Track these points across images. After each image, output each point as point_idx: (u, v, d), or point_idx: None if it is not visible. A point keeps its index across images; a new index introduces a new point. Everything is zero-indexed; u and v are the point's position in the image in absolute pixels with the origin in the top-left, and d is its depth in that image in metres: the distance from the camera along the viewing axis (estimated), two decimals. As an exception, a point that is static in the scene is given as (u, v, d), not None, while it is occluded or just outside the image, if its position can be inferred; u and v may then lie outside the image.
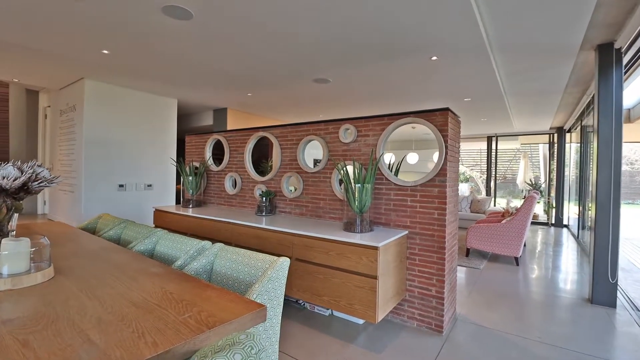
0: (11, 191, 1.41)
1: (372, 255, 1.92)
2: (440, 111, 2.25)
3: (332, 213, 2.75)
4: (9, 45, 3.21)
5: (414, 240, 2.34)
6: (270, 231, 2.46)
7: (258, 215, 3.04)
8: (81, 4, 2.26)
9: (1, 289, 1.19)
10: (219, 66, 3.62)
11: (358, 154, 2.58)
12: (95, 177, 4.62)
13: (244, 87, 4.48)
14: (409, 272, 2.36)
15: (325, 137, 2.80)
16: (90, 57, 3.46)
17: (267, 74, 3.86)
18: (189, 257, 1.68)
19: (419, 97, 4.80)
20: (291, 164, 3.05)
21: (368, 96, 4.71)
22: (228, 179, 3.64)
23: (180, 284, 1.29)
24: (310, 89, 4.38)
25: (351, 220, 2.29)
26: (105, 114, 4.70)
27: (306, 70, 3.63)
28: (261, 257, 1.49)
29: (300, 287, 2.25)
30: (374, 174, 2.28)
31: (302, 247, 2.25)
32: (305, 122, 2.93)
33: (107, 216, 2.76)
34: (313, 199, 2.87)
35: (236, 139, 3.59)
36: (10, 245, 1.26)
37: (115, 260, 1.61)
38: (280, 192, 3.11)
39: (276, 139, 3.16)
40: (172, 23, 2.53)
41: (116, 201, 4.83)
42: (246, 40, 2.87)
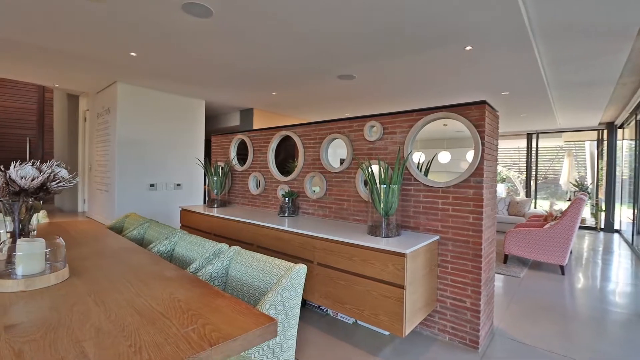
0: (30, 191, 1.41)
1: (399, 262, 1.76)
2: (476, 104, 2.04)
3: (356, 215, 2.60)
4: (48, 51, 3.37)
5: (446, 246, 2.14)
6: (291, 233, 2.37)
7: (280, 216, 2.96)
8: (103, 5, 2.29)
9: (15, 290, 1.17)
10: (241, 66, 3.60)
11: (384, 152, 2.42)
12: (128, 177, 4.78)
13: (268, 86, 4.44)
14: (440, 281, 2.17)
15: (349, 135, 2.66)
16: (119, 60, 3.55)
17: (290, 72, 3.78)
18: (204, 261, 1.61)
19: (451, 92, 4.52)
20: (314, 163, 2.94)
21: (395, 92, 4.50)
22: (252, 179, 3.60)
23: (190, 290, 1.22)
24: (335, 86, 4.26)
25: (376, 224, 2.14)
26: (137, 116, 4.85)
27: (330, 67, 3.51)
28: (277, 263, 1.39)
29: (322, 293, 2.14)
30: (401, 174, 2.11)
31: (323, 251, 2.13)
32: (329, 120, 2.81)
33: (133, 215, 2.80)
34: (337, 200, 2.74)
35: (259, 139, 3.54)
36: (25, 245, 1.25)
37: (132, 262, 1.58)
38: (303, 192, 3.02)
39: (299, 138, 3.07)
40: (192, 21, 2.51)
41: (147, 200, 4.98)
42: (267, 37, 2.80)
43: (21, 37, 2.96)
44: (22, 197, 1.42)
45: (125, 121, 4.74)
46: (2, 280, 1.17)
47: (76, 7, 2.36)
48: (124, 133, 4.73)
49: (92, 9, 2.38)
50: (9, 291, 1.17)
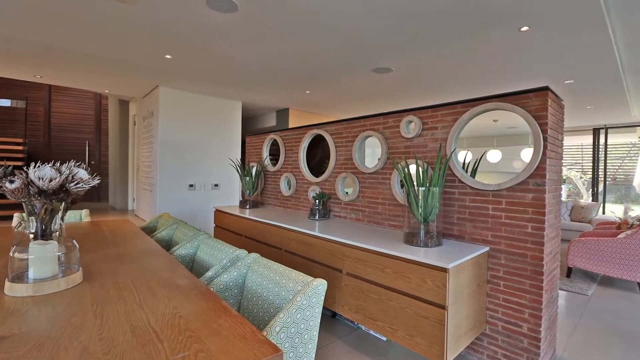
0: (50, 192, 1.39)
1: (440, 278, 1.51)
2: (536, 92, 1.71)
3: (392, 220, 2.36)
4: (95, 58, 3.54)
5: (498, 259, 1.83)
6: (319, 239, 2.20)
7: (311, 219, 2.81)
8: (133, 7, 2.29)
9: (23, 295, 1.13)
10: (271, 63, 3.50)
11: (423, 150, 2.16)
12: (169, 177, 4.94)
13: (301, 84, 4.32)
14: (489, 299, 1.86)
15: (384, 132, 2.43)
16: (157, 63, 3.64)
17: (322, 68, 3.62)
18: (221, 268, 1.50)
19: (502, 83, 4.06)
20: (346, 163, 2.75)
21: (436, 86, 4.14)
22: (283, 179, 3.50)
23: (196, 303, 1.09)
24: (370, 81, 4.02)
25: (413, 231, 1.89)
26: (177, 118, 5.00)
27: (365, 60, 3.29)
28: (294, 276, 1.22)
29: (352, 306, 1.94)
30: (443, 175, 1.84)
31: (354, 260, 1.93)
32: (361, 117, 2.60)
33: (166, 216, 2.82)
34: (370, 203, 2.52)
35: (291, 138, 3.42)
36: (37, 248, 1.21)
37: (148, 266, 1.51)
38: (335, 194, 2.83)
39: (330, 137, 2.89)
40: (218, 18, 2.44)
41: (186, 200, 5.12)
42: (295, 30, 2.66)
43: (74, 46, 3.13)
44: (42, 198, 1.40)
45: (166, 124, 4.90)
46: (13, 284, 1.14)
47: (110, 13, 2.41)
48: (165, 135, 4.90)
49: (124, 14, 2.41)
50: (17, 295, 1.13)
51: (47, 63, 3.78)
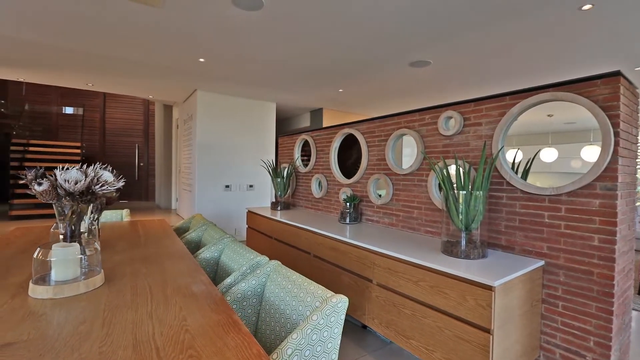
0: (76, 194, 1.41)
1: (484, 297, 1.31)
2: (605, 78, 1.43)
3: (428, 226, 2.16)
4: (137, 64, 3.71)
5: (556, 276, 1.57)
6: (348, 244, 2.06)
7: (341, 222, 2.68)
8: (162, 11, 2.32)
9: (44, 297, 1.13)
10: (301, 63, 3.42)
11: (465, 149, 1.93)
12: (206, 178, 5.08)
13: (334, 82, 4.20)
14: (545, 321, 1.60)
15: (420, 130, 2.23)
16: (192, 67, 3.73)
17: (355, 65, 3.46)
18: (240, 275, 1.43)
19: (555, 72, 3.61)
20: (379, 164, 2.58)
21: (480, 77, 3.79)
22: (314, 181, 3.40)
23: (207, 316, 1.02)
24: (406, 76, 3.78)
25: (453, 240, 1.69)
26: (214, 120, 5.13)
27: (400, 54, 3.08)
28: (312, 289, 1.10)
29: (382, 320, 1.78)
30: (488, 177, 1.62)
31: (384, 270, 1.77)
32: (395, 114, 2.42)
33: (198, 217, 2.85)
34: (405, 206, 2.33)
35: (322, 138, 3.32)
36: (59, 251, 1.21)
37: (169, 270, 1.48)
38: (367, 196, 2.68)
39: (362, 136, 2.73)
40: (244, 16, 2.40)
41: (223, 200, 5.23)
42: (324, 27, 2.54)
43: (114, 53, 3.30)
44: (70, 200, 1.43)
45: (204, 126, 5.04)
46: (36, 286, 1.15)
47: (142, 18, 2.47)
48: (203, 137, 5.04)
49: (155, 19, 2.46)
50: (39, 297, 1.14)
51: (94, 71, 4.03)
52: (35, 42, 3.06)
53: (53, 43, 3.06)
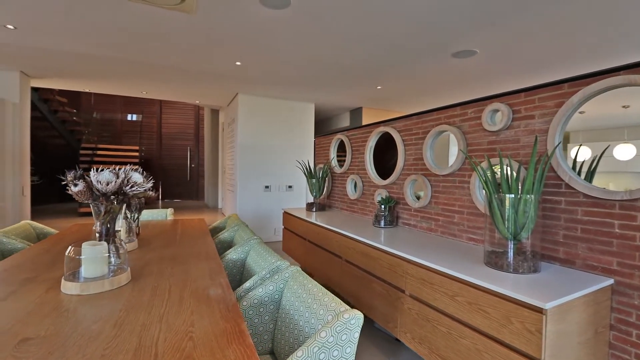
0: (109, 195, 1.47)
1: (533, 320, 1.11)
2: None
3: (471, 232, 1.94)
4: (178, 71, 3.91)
5: (629, 298, 1.29)
6: (379, 250, 1.93)
7: (375, 226, 2.54)
8: (197, 16, 2.38)
9: (72, 293, 1.19)
10: (336, 60, 3.32)
11: (514, 146, 1.70)
12: (247, 179, 5.22)
13: (371, 79, 4.04)
14: (614, 352, 1.33)
15: (461, 126, 2.02)
16: (230, 71, 3.83)
17: (393, 59, 3.28)
18: (259, 279, 1.38)
19: (622, 58, 3.09)
20: (416, 163, 2.39)
21: (534, 64, 3.36)
22: (349, 182, 3.29)
23: (215, 323, 0.98)
24: (449, 68, 3.49)
25: (498, 250, 1.48)
26: (254, 123, 5.25)
27: (442, 44, 2.84)
28: (326, 300, 1.01)
29: (415, 334, 1.62)
30: (541, 178, 1.39)
31: (417, 280, 1.61)
32: (434, 109, 2.22)
33: (233, 217, 2.90)
34: (445, 210, 2.13)
35: (357, 138, 3.20)
36: (88, 249, 1.26)
37: (195, 270, 1.49)
38: (403, 199, 2.50)
39: (398, 134, 2.57)
40: (273, 15, 2.37)
41: (263, 200, 5.33)
42: (358, 18, 2.42)
43: (159, 60, 3.51)
44: (103, 200, 1.50)
45: (245, 128, 5.19)
46: (66, 282, 1.21)
47: (177, 25, 2.56)
48: (244, 139, 5.18)
49: (189, 24, 2.54)
50: (68, 293, 1.19)
51: (146, 79, 4.34)
52: (95, 56, 3.36)
53: (109, 55, 3.33)
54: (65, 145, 7.93)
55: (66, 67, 3.79)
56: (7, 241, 1.97)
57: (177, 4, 2.06)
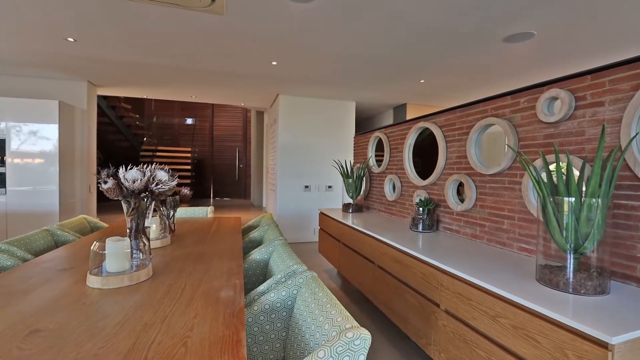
0: (137, 192, 1.52)
1: (596, 357, 0.88)
2: None
3: (523, 241, 1.67)
4: (218, 74, 4.04)
5: None
6: (412, 257, 1.75)
7: (413, 230, 2.34)
8: (226, 18, 2.40)
9: (94, 286, 1.22)
10: (373, 53, 3.15)
11: (576, 140, 1.42)
12: (287, 178, 5.25)
13: (413, 73, 3.78)
14: None
15: (512, 118, 1.75)
16: (267, 71, 3.85)
17: (435, 48, 3.02)
18: (274, 283, 1.31)
19: None
20: (459, 162, 2.15)
21: (605, 43, 2.85)
22: (387, 182, 3.11)
23: (215, 329, 0.92)
24: (499, 55, 3.12)
25: (553, 264, 1.24)
26: (294, 123, 5.27)
27: (493, 27, 2.53)
28: (333, 314, 0.90)
29: (450, 355, 1.43)
30: (612, 178, 1.12)
31: (453, 295, 1.42)
32: (480, 100, 1.97)
33: (267, 216, 2.89)
34: (492, 215, 1.88)
35: (396, 135, 3.00)
36: (110, 245, 1.30)
37: (214, 269, 1.47)
38: (444, 201, 2.27)
39: (439, 129, 2.34)
40: (301, 8, 2.29)
41: (302, 200, 5.32)
42: (393, 2, 2.25)
43: (198, 65, 3.65)
44: (132, 197, 1.54)
45: (285, 129, 5.22)
46: (91, 276, 1.25)
47: (211, 28, 2.61)
48: (285, 139, 5.23)
49: (222, 27, 2.57)
50: (91, 286, 1.23)
51: (194, 84, 4.57)
52: (146, 64, 3.60)
53: (158, 62, 3.55)
54: (130, 147, 8.75)
55: (123, 75, 4.13)
56: (61, 233, 2.16)
57: (207, 5, 2.09)
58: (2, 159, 3.76)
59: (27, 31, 2.75)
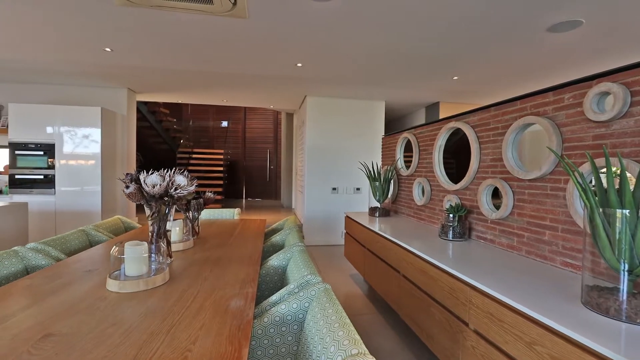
0: (157, 197, 1.54)
1: (657, 403, 0.73)
2: None
3: (568, 255, 1.48)
4: (246, 77, 4.09)
5: None
6: (438, 269, 1.62)
7: (442, 238, 2.19)
8: (247, 21, 2.39)
9: (112, 290, 1.24)
10: (401, 48, 3.00)
11: (632, 142, 1.22)
12: (315, 180, 5.22)
13: (446, 69, 3.58)
14: None
15: (554, 116, 1.57)
16: (293, 73, 3.83)
17: (469, 40, 2.81)
18: (287, 294, 1.26)
19: None
20: (494, 165, 1.98)
21: None
22: (416, 185, 2.96)
23: (217, 344, 0.89)
24: (542, 46, 2.83)
25: (603, 285, 1.07)
26: (322, 124, 5.22)
27: (535, 14, 2.31)
28: (340, 335, 0.83)
29: (479, 380, 1.29)
30: (679, 187, 0.94)
31: (484, 314, 1.28)
32: (518, 97, 1.79)
33: (291, 219, 2.87)
34: (531, 224, 1.69)
35: (425, 136, 2.85)
36: (128, 249, 1.32)
37: (229, 276, 1.46)
38: (477, 207, 2.10)
39: (472, 130, 2.17)
40: (322, 8, 2.22)
41: (329, 202, 5.26)
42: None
43: (224, 69, 3.72)
44: (153, 201, 1.57)
45: (313, 130, 5.19)
46: (110, 279, 1.27)
47: (233, 31, 2.63)
48: (312, 141, 5.20)
49: (244, 30, 2.58)
50: (110, 289, 1.25)
51: (221, 87, 4.68)
52: (178, 70, 3.74)
53: (187, 68, 3.67)
54: (169, 150, 9.20)
55: (158, 81, 4.32)
56: (95, 234, 2.28)
57: (229, 10, 2.10)
58: (52, 162, 4.09)
59: (70, 43, 2.95)
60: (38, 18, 2.46)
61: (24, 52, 3.20)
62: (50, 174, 4.09)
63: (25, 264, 1.63)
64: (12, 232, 3.21)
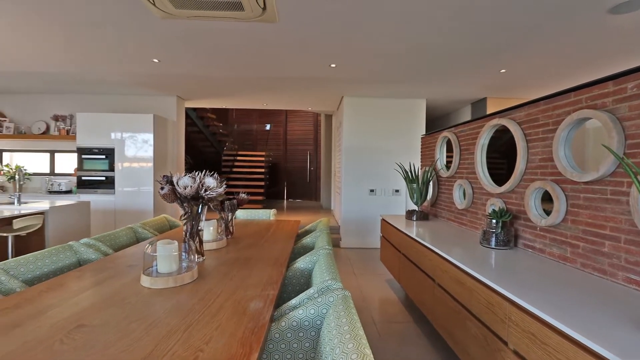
0: (189, 198, 1.61)
1: None
2: None
3: (632, 271, 1.27)
4: (283, 80, 4.15)
5: None
6: (474, 279, 1.49)
7: (483, 245, 2.02)
8: (279, 26, 2.41)
9: (145, 285, 1.32)
10: (437, 41, 2.83)
11: None
12: (352, 182, 5.15)
13: (492, 61, 3.30)
14: None
15: (615, 109, 1.36)
16: (328, 74, 3.81)
17: (518, 27, 2.56)
18: (306, 298, 1.23)
19: None
20: (544, 166, 1.78)
21: None
22: (457, 187, 2.77)
23: (228, 347, 0.89)
24: (601, 31, 2.47)
25: (676, 310, 0.89)
26: (359, 125, 5.14)
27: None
28: (349, 348, 0.78)
29: (519, 406, 1.16)
30: None
31: (525, 334, 1.14)
32: (571, 89, 1.59)
33: (324, 221, 2.85)
34: (587, 233, 1.49)
35: (466, 135, 2.66)
36: (160, 247, 1.39)
37: (254, 277, 1.48)
38: (525, 212, 1.91)
39: (518, 127, 1.97)
40: (349, 4, 2.16)
41: (367, 204, 5.16)
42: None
43: (263, 73, 3.81)
44: (186, 202, 1.64)
45: (350, 131, 5.13)
46: (143, 275, 1.35)
47: (264, 36, 2.67)
48: (349, 142, 5.14)
49: (276, 35, 2.60)
50: (143, 285, 1.33)
51: (261, 92, 4.81)
52: (220, 77, 3.92)
53: (225, 75, 3.83)
54: (216, 153, 9.72)
55: (202, 88, 4.57)
56: (142, 231, 2.45)
57: (260, 15, 2.14)
58: (112, 165, 4.52)
59: (123, 56, 3.24)
60: (97, 36, 2.73)
61: (87, 66, 3.58)
62: (111, 176, 4.52)
63: (79, 257, 1.80)
64: (77, 228, 3.60)
